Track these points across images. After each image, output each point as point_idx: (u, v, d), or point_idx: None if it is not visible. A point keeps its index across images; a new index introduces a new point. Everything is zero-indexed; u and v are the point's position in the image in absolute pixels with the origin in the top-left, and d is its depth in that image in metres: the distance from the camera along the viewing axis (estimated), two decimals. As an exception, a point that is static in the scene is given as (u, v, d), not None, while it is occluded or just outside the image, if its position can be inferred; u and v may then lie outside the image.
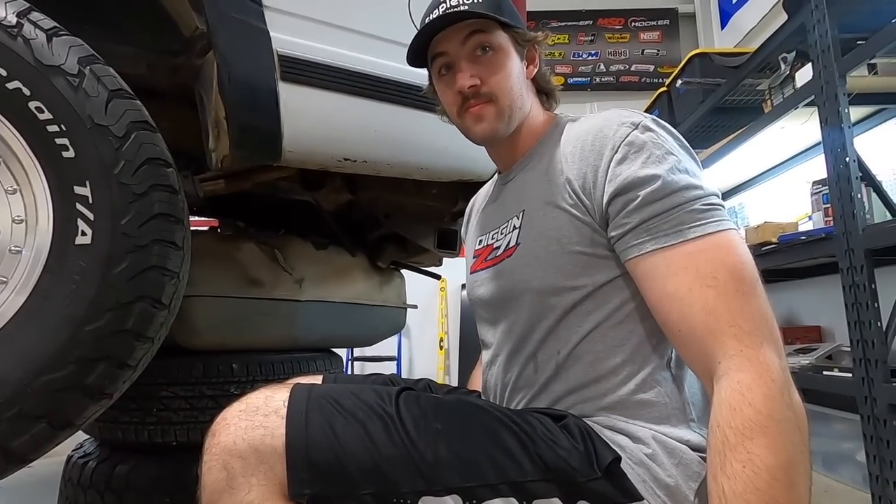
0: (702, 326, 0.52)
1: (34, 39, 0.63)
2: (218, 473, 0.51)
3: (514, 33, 0.70)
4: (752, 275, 0.54)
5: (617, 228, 0.59)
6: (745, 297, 0.52)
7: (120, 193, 0.65)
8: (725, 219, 0.56)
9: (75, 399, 0.63)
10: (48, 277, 0.62)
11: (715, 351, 0.51)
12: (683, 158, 0.59)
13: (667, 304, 0.55)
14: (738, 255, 0.54)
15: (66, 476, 1.17)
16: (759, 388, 0.48)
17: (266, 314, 1.22)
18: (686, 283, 0.54)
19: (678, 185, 0.56)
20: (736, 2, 3.45)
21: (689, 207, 0.56)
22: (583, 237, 0.62)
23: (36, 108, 0.63)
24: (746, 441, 0.47)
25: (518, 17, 0.71)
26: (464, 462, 0.54)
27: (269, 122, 0.88)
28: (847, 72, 1.60)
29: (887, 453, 1.38)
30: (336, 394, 0.57)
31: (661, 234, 0.56)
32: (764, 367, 0.49)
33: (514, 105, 0.70)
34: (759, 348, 0.50)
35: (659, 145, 0.59)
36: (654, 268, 0.56)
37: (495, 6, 0.68)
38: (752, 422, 0.47)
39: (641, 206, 0.57)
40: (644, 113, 0.63)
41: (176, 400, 1.12)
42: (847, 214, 1.55)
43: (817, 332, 2.29)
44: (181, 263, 0.73)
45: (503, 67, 0.69)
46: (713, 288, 0.52)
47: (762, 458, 0.46)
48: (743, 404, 0.48)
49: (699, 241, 0.54)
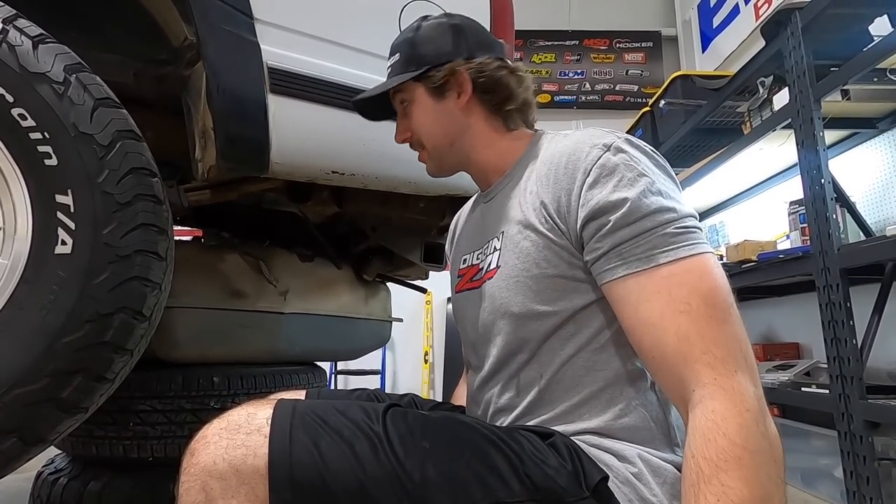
0: (674, 353, 0.51)
1: (19, 46, 0.62)
2: (196, 495, 0.49)
3: (424, 78, 0.72)
4: (725, 300, 0.53)
5: (591, 253, 0.58)
6: (719, 323, 0.51)
7: (103, 202, 0.64)
8: (700, 241, 0.55)
9: (49, 413, 0.61)
10: (25, 287, 0.61)
11: (689, 378, 0.50)
12: (658, 179, 0.58)
13: (640, 330, 0.54)
14: (712, 279, 0.53)
15: (36, 493, 1.13)
16: (733, 417, 0.47)
17: (249, 326, 1.20)
18: (658, 309, 0.53)
19: (650, 208, 0.55)
20: (716, 27, 3.57)
21: (662, 231, 0.55)
22: (560, 260, 0.61)
23: (19, 115, 0.62)
24: (721, 473, 0.46)
25: (439, 48, 0.72)
26: (451, 482, 0.53)
27: (257, 134, 0.87)
28: (822, 97, 1.66)
29: (864, 469, 1.41)
30: (321, 411, 0.55)
31: (632, 258, 0.55)
32: (738, 396, 0.48)
33: (439, 144, 0.75)
34: (734, 376, 0.49)
35: (631, 167, 0.58)
36: (627, 293, 0.55)
37: (406, 60, 0.74)
38: (727, 453, 0.46)
39: (613, 230, 0.56)
40: (619, 133, 0.63)
41: (153, 414, 1.09)
42: (823, 234, 1.60)
43: (795, 348, 2.34)
44: (164, 274, 0.72)
45: (416, 117, 0.75)
46: (686, 314, 0.51)
47: (736, 490, 0.45)
48: (717, 434, 0.47)
49: (672, 265, 0.53)
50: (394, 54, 0.76)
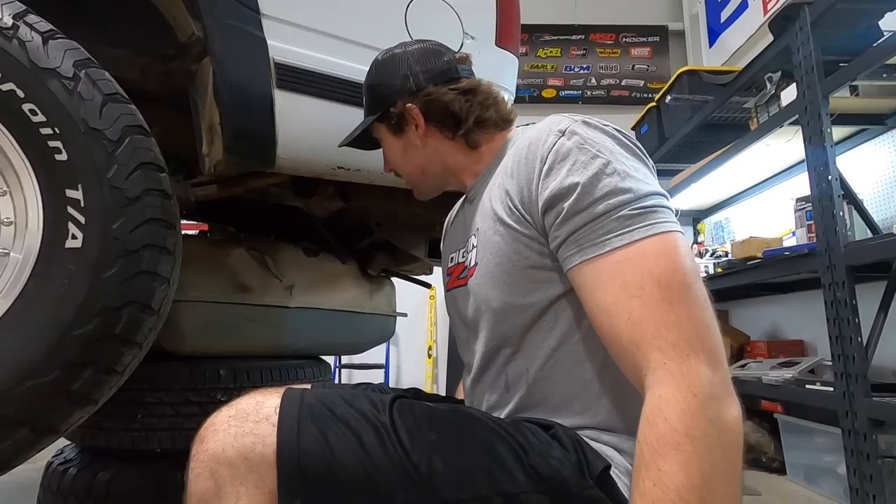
0: (627, 339, 0.50)
1: (30, 42, 0.63)
2: (205, 482, 0.50)
3: (383, 118, 0.77)
4: (682, 280, 0.50)
5: (552, 241, 0.58)
6: (672, 306, 0.49)
7: (112, 197, 0.65)
8: (660, 220, 0.53)
9: (60, 405, 0.62)
10: (36, 281, 0.62)
11: (641, 364, 0.50)
12: (616, 158, 0.56)
13: (597, 317, 0.54)
14: (668, 260, 0.51)
15: (46, 483, 1.15)
16: (676, 403, 0.46)
17: (255, 320, 1.21)
18: (612, 295, 0.52)
19: (602, 191, 0.54)
20: (724, 21, 3.54)
21: (616, 214, 0.53)
22: (531, 251, 0.61)
23: (29, 111, 0.62)
24: (658, 458, 0.45)
25: (392, 86, 0.75)
26: (457, 474, 0.53)
27: (264, 129, 0.88)
28: (830, 93, 1.64)
29: (867, 467, 1.41)
30: (328, 401, 0.56)
31: (587, 244, 0.54)
32: (686, 381, 0.47)
33: (412, 175, 0.81)
34: (684, 360, 0.47)
35: (585, 150, 0.56)
36: (584, 280, 0.55)
37: (370, 103, 0.79)
38: (666, 438, 0.45)
39: (567, 217, 0.55)
40: (578, 116, 0.61)
41: (161, 406, 1.10)
42: (829, 231, 1.59)
43: (800, 345, 2.33)
44: (172, 269, 0.72)
45: (388, 154, 0.82)
46: (638, 298, 0.50)
47: (671, 476, 0.44)
48: (658, 419, 0.46)
49: (625, 249, 0.52)
50: (363, 96, 0.82)
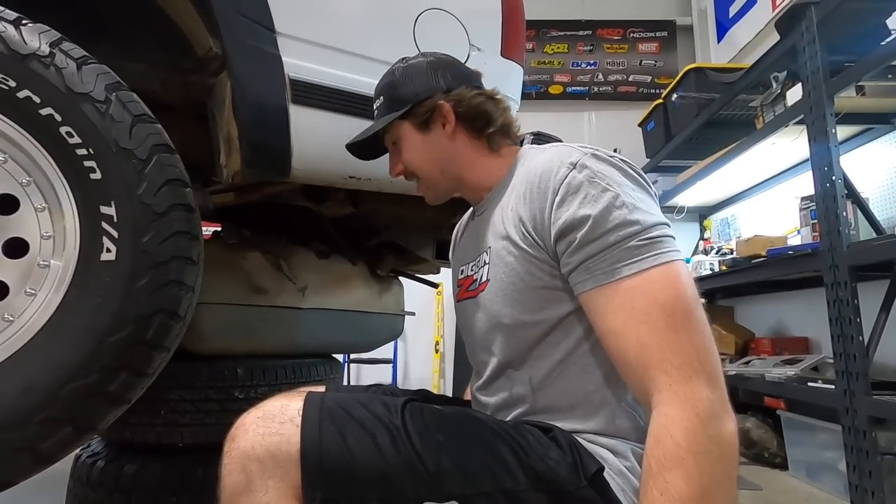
0: (636, 361, 0.56)
1: (65, 68, 0.68)
2: (238, 476, 0.56)
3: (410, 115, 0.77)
4: (685, 308, 0.56)
5: (564, 266, 0.63)
6: (676, 332, 0.55)
7: (142, 212, 0.69)
8: (665, 250, 0.58)
9: (99, 405, 0.67)
10: (75, 291, 0.67)
11: (648, 385, 0.55)
12: (623, 192, 0.61)
13: (607, 339, 0.59)
14: (672, 289, 0.57)
15: (75, 475, 1.21)
16: (681, 422, 0.52)
17: (270, 321, 1.26)
18: (622, 320, 0.57)
19: (613, 223, 0.59)
20: (733, 16, 3.52)
21: (625, 245, 0.58)
22: (542, 273, 0.66)
23: (66, 133, 0.67)
24: (665, 471, 0.51)
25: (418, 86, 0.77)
26: (463, 472, 0.58)
27: (280, 142, 0.92)
28: (835, 93, 1.65)
29: (867, 463, 1.43)
30: (346, 404, 0.61)
31: (598, 272, 0.59)
32: (689, 402, 0.53)
33: (432, 175, 0.80)
34: (687, 382, 0.53)
35: (595, 183, 0.61)
36: (595, 304, 0.60)
37: (389, 103, 0.79)
38: (672, 453, 0.51)
39: (580, 246, 0.60)
40: (588, 148, 0.66)
41: (182, 403, 1.15)
42: (832, 231, 1.60)
43: (805, 343, 2.35)
44: (196, 277, 0.77)
45: (407, 152, 0.80)
46: (646, 324, 0.56)
47: (676, 487, 0.50)
48: (665, 437, 0.52)
49: (634, 277, 0.57)
50: (378, 98, 0.81)
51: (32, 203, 0.68)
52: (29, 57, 0.65)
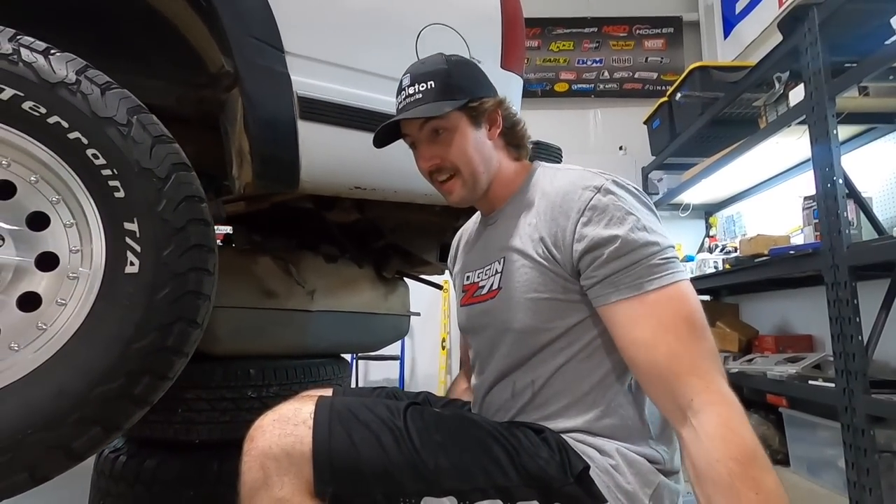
0: (666, 369, 0.62)
1: (91, 94, 0.72)
2: (256, 473, 0.61)
3: (467, 108, 0.77)
4: (701, 320, 0.64)
5: (587, 280, 0.68)
6: (699, 341, 0.62)
7: (162, 228, 0.74)
8: (678, 270, 0.66)
9: (125, 407, 0.72)
10: (102, 302, 0.72)
11: (683, 390, 0.60)
12: (642, 216, 0.68)
13: (633, 349, 0.64)
14: (689, 304, 0.64)
15: (99, 469, 1.28)
16: (738, 417, 0.58)
17: (280, 324, 1.32)
18: (650, 331, 0.63)
19: (637, 243, 0.65)
20: (739, 12, 3.50)
21: (648, 262, 0.65)
22: (556, 285, 0.71)
23: (92, 155, 0.72)
24: (749, 469, 0.55)
25: (473, 84, 0.77)
26: (459, 469, 0.64)
27: (289, 156, 0.97)
28: (837, 94, 1.66)
29: (865, 461, 1.46)
30: (354, 407, 0.67)
31: (623, 286, 0.65)
32: (730, 398, 0.59)
33: (477, 171, 0.79)
34: (720, 383, 0.60)
35: (619, 207, 0.67)
36: (619, 316, 0.65)
37: (444, 89, 0.75)
38: (749, 449, 0.56)
39: (606, 262, 0.66)
40: (607, 174, 0.72)
41: (198, 402, 1.22)
42: (833, 231, 1.62)
43: (809, 340, 2.36)
44: (212, 287, 0.82)
45: (458, 144, 0.77)
46: (673, 334, 0.62)
47: (765, 482, 0.55)
48: (734, 435, 0.56)
49: (657, 292, 0.64)
50: (424, 81, 0.75)
51: (62, 220, 0.74)
52: (58, 85, 0.70)
